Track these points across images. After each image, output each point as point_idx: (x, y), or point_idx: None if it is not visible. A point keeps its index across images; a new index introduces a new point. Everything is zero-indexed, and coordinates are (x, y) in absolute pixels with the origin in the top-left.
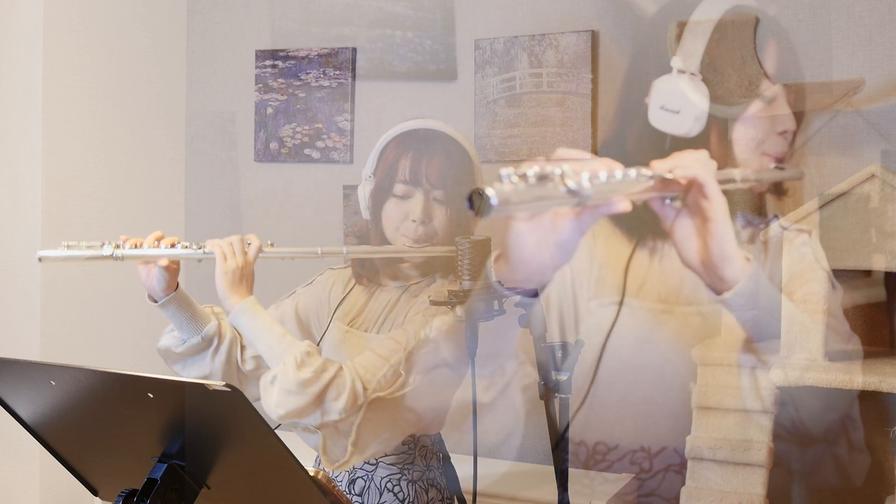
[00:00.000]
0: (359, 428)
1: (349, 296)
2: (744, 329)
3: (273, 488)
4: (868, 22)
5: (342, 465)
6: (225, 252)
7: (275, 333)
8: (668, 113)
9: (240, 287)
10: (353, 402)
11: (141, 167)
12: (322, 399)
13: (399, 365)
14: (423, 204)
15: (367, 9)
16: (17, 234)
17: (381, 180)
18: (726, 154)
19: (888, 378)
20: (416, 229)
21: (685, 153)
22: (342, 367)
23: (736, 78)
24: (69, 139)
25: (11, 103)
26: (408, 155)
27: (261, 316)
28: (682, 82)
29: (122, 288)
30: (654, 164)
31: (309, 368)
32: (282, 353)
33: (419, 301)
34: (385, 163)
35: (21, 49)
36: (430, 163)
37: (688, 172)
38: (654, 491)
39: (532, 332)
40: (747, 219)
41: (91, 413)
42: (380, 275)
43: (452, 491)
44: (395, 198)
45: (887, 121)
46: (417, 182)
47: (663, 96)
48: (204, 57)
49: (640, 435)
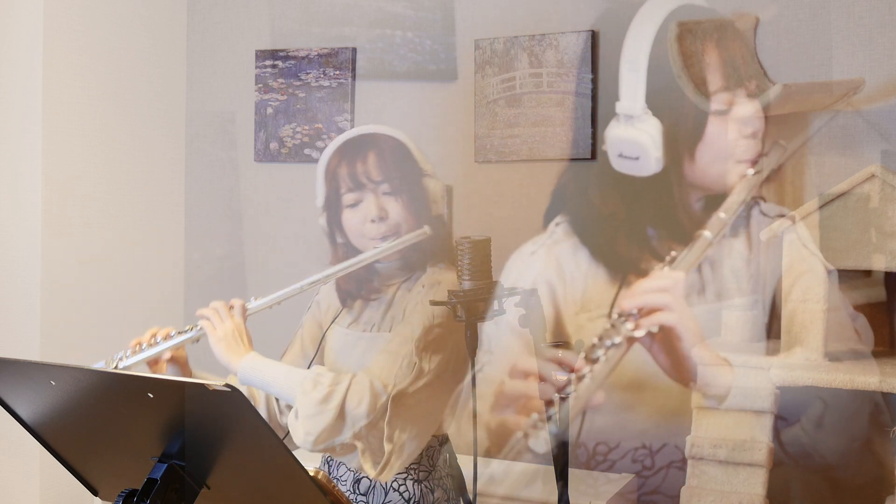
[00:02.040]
0: (389, 425)
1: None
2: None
3: (273, 488)
4: (868, 22)
5: (384, 466)
6: (212, 321)
7: (281, 373)
8: (628, 160)
9: (237, 348)
10: (376, 401)
11: (141, 167)
12: (345, 409)
13: (411, 355)
14: (375, 202)
15: (367, 9)
16: (17, 234)
17: (330, 198)
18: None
19: (888, 378)
20: (378, 228)
21: (649, 285)
22: (356, 374)
23: (736, 78)
24: (69, 139)
25: (11, 103)
26: (342, 164)
27: (265, 365)
28: (631, 131)
29: (123, 288)
30: (622, 305)
31: (322, 385)
32: (294, 387)
33: (415, 293)
34: (329, 183)
35: (21, 49)
36: (365, 162)
37: (653, 320)
38: (657, 488)
39: (532, 332)
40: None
41: (91, 413)
42: (365, 290)
43: (458, 492)
44: (349, 208)
45: (887, 121)
46: (360, 184)
47: (618, 145)
48: (204, 57)
49: (641, 433)
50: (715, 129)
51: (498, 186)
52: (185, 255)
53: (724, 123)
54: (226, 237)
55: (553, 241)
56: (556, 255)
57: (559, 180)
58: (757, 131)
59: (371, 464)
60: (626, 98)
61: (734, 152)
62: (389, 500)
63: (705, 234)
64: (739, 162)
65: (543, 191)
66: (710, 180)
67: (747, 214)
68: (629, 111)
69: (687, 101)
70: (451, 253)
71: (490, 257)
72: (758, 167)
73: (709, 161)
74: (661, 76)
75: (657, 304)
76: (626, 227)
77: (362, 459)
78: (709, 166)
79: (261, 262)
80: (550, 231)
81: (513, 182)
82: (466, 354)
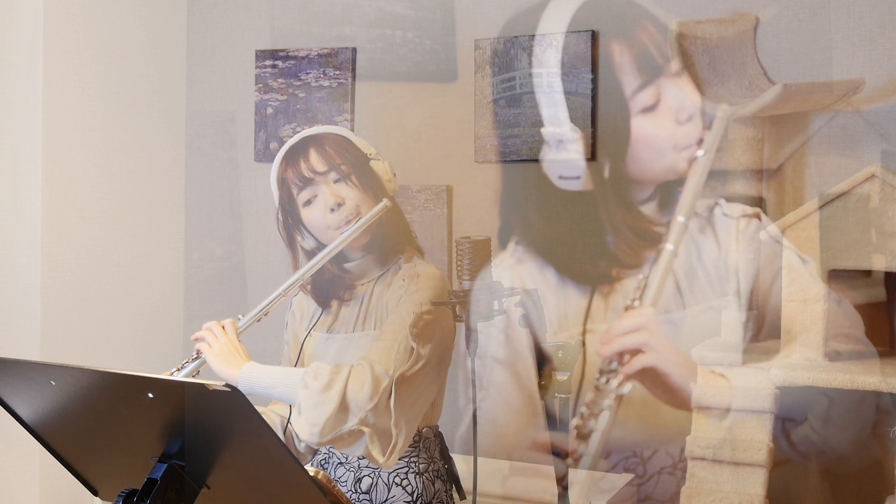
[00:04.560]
0: (396, 407)
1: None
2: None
3: (273, 488)
4: (868, 22)
5: (392, 449)
6: (208, 340)
7: (280, 374)
8: (570, 180)
9: (235, 360)
10: (378, 385)
11: (141, 167)
12: (346, 396)
13: (407, 340)
14: (328, 191)
15: (367, 9)
16: (17, 234)
17: (285, 204)
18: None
19: (888, 378)
20: (338, 215)
21: (623, 326)
22: (355, 363)
23: (736, 78)
24: (69, 139)
25: (11, 103)
26: (288, 169)
27: (263, 370)
28: (564, 154)
29: (122, 288)
30: (602, 354)
31: (322, 375)
32: (294, 384)
33: (396, 288)
34: (281, 190)
35: (21, 49)
36: (308, 159)
37: (635, 366)
38: (650, 495)
39: (532, 332)
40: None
41: (91, 413)
42: (340, 288)
43: (452, 481)
44: (306, 207)
45: (887, 121)
46: (308, 180)
47: (556, 169)
48: (204, 57)
49: (633, 444)
50: (646, 126)
51: (498, 186)
52: (185, 255)
53: (656, 117)
54: (226, 237)
55: (516, 261)
56: (521, 275)
57: (501, 197)
58: (693, 114)
59: (379, 449)
60: (550, 124)
61: (676, 142)
62: (393, 496)
63: (667, 248)
64: (684, 148)
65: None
66: (658, 173)
67: (710, 217)
68: (556, 136)
69: (614, 105)
70: (417, 243)
71: (490, 257)
72: (704, 146)
73: (651, 158)
74: (579, 84)
75: (635, 344)
76: (582, 239)
77: (370, 446)
78: (653, 162)
79: (261, 262)
80: (511, 250)
81: (514, 182)
82: (452, 342)
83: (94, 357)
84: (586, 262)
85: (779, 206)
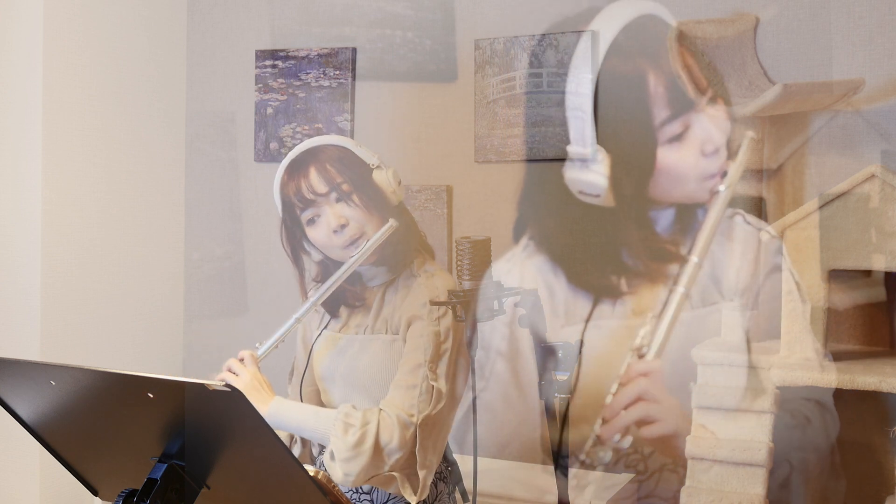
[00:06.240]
0: (420, 452)
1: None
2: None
3: (273, 488)
4: (868, 22)
5: (422, 488)
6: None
7: (309, 415)
8: (590, 196)
9: (261, 395)
10: (405, 433)
11: (141, 167)
12: (379, 447)
13: (427, 380)
14: (330, 212)
15: (367, 9)
16: (17, 234)
17: (289, 222)
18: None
19: (888, 378)
20: (342, 236)
21: (622, 401)
22: (380, 409)
23: (736, 78)
24: (69, 139)
25: (11, 103)
26: (290, 183)
27: (291, 409)
28: (587, 174)
29: (122, 288)
30: (604, 433)
31: (354, 429)
32: (325, 429)
33: (407, 303)
34: (284, 203)
35: (21, 49)
36: (307, 178)
37: (633, 416)
38: (652, 492)
39: (532, 332)
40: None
41: (91, 413)
42: (349, 297)
43: (455, 483)
44: (310, 226)
45: (887, 121)
46: (310, 201)
47: (577, 185)
48: (204, 57)
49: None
50: (670, 156)
51: (498, 186)
52: (185, 255)
53: (682, 148)
54: (226, 237)
55: (527, 255)
56: (531, 271)
57: (522, 188)
58: (719, 147)
59: (410, 490)
60: (576, 143)
61: (699, 172)
62: (395, 497)
63: (679, 291)
64: (706, 178)
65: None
66: (677, 199)
67: (730, 223)
68: (581, 155)
69: (639, 131)
70: (428, 244)
71: (490, 257)
72: (726, 181)
73: (671, 186)
74: (611, 109)
75: (638, 418)
76: (597, 249)
77: (402, 489)
78: (672, 189)
79: (261, 262)
80: (524, 245)
81: (513, 182)
82: (467, 375)
83: (94, 357)
84: (593, 270)
85: (779, 206)
